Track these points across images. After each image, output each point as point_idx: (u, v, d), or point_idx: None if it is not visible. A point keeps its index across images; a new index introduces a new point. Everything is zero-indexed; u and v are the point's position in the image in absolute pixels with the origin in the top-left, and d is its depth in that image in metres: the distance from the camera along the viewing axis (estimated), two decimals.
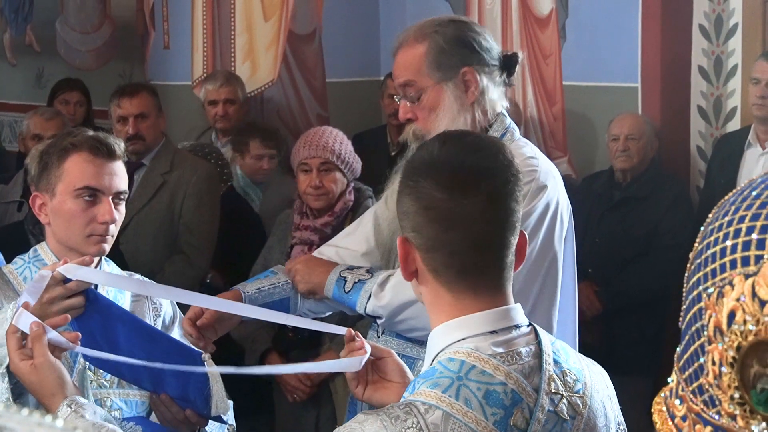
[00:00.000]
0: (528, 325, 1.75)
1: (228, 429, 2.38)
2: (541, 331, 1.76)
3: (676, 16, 4.99)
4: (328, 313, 2.80)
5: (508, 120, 2.71)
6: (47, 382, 1.96)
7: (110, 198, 2.44)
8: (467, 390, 1.63)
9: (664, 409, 1.07)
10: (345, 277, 2.65)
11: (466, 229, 1.68)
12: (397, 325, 2.61)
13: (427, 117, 2.64)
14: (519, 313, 1.75)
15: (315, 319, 2.67)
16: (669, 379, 1.08)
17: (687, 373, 1.03)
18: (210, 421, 2.29)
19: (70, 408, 1.94)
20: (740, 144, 4.64)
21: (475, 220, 1.68)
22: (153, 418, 2.42)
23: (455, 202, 1.67)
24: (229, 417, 2.35)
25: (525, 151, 2.66)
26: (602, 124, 5.15)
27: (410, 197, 1.72)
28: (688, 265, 1.06)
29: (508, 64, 2.70)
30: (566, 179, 4.85)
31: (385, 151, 5.51)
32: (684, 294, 1.06)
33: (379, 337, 2.69)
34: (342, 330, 2.10)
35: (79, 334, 2.04)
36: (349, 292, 2.63)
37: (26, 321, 1.99)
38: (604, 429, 1.75)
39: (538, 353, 1.71)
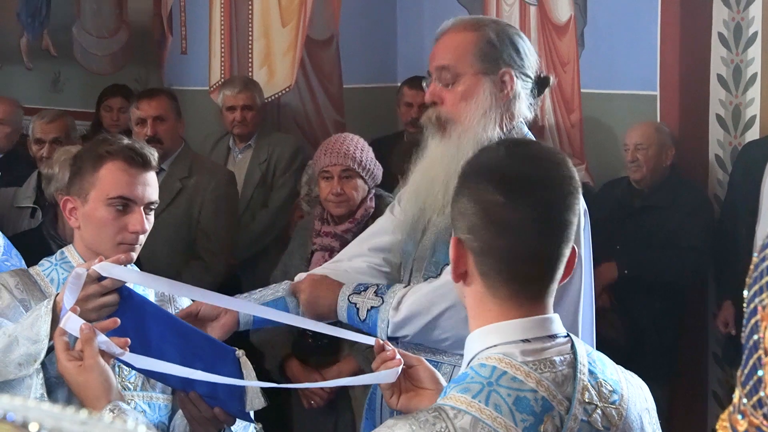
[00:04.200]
0: (565, 336, 1.74)
1: (256, 428, 2.38)
2: (578, 341, 1.74)
3: (695, 24, 4.97)
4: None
5: (525, 129, 2.71)
6: (93, 385, 1.94)
7: (141, 208, 2.45)
8: (497, 396, 1.62)
9: (727, 425, 1.05)
10: (355, 303, 2.64)
11: (517, 237, 1.66)
12: (422, 336, 2.60)
13: (458, 103, 2.61)
14: (556, 323, 1.73)
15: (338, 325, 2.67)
16: (734, 396, 1.06)
17: (747, 387, 1.02)
18: (237, 420, 2.28)
19: (113, 413, 1.92)
20: (764, 152, 4.61)
21: (527, 230, 1.66)
22: (177, 418, 2.41)
23: (509, 208, 1.66)
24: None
25: None
26: (620, 132, 5.13)
27: (468, 198, 1.70)
28: (747, 279, 1.04)
29: (540, 83, 2.72)
30: (584, 187, 4.85)
31: None
32: (744, 309, 1.05)
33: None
34: (370, 340, 2.08)
35: (128, 340, 2.02)
36: (365, 320, 2.62)
37: (75, 324, 1.98)
38: None
39: (573, 363, 1.70)
